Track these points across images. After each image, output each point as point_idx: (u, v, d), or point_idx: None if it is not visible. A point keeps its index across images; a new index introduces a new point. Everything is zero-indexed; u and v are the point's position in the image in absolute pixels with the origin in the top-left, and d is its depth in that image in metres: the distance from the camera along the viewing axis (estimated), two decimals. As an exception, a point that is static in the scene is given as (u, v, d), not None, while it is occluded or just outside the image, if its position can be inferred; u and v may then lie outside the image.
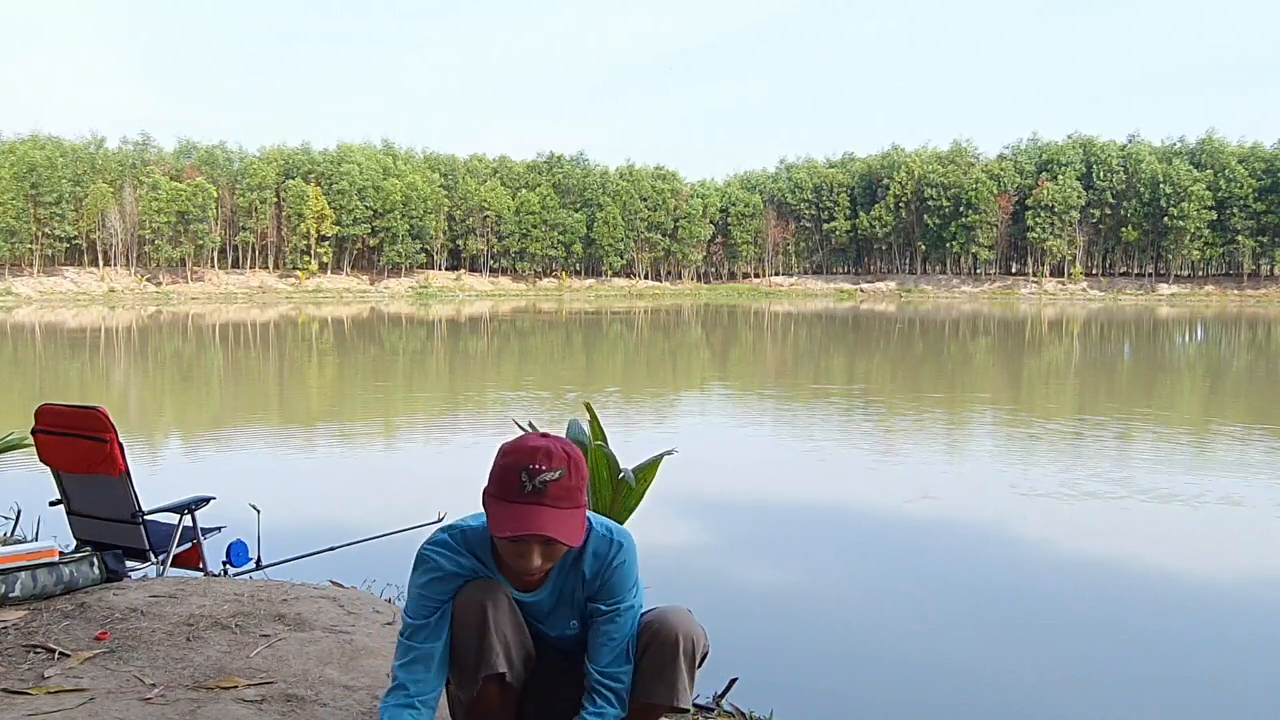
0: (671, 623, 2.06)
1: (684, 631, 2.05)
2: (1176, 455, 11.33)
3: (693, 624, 2.09)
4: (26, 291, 72.68)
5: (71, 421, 4.37)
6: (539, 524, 1.88)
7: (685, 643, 2.05)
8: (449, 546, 2.07)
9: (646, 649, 2.06)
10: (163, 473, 9.53)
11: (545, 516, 1.89)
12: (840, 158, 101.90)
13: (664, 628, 2.06)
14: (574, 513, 1.94)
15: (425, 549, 2.08)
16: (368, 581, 4.47)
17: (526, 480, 1.90)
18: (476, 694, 2.05)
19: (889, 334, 39.59)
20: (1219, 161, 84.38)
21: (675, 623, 2.06)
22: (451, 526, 2.10)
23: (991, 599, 6.04)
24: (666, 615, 2.09)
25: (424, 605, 2.04)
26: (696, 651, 2.09)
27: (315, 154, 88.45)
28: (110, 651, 3.02)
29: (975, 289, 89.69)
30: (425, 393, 18.59)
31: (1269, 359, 28.85)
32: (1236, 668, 4.97)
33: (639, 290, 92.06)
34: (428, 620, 2.04)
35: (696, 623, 2.11)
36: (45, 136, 79.42)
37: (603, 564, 2.08)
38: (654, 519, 4.82)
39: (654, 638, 2.06)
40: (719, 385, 20.30)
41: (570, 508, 1.93)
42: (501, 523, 1.90)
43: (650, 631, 2.07)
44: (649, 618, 2.11)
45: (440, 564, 2.05)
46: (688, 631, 2.06)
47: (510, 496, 1.91)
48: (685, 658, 2.05)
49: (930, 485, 9.20)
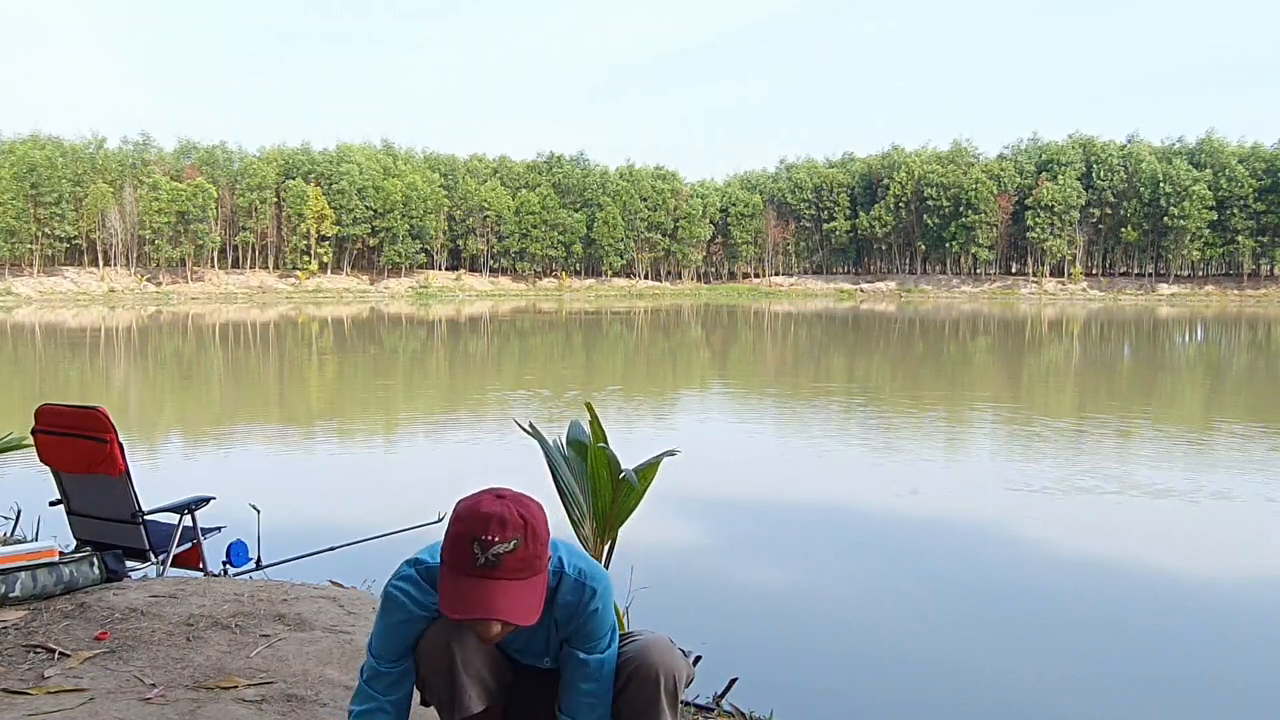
0: (652, 659, 1.99)
1: (665, 668, 1.99)
2: (1177, 455, 11.32)
3: (674, 657, 2.02)
4: (26, 291, 72.68)
5: (71, 421, 4.37)
6: (489, 605, 1.77)
7: (667, 680, 1.99)
8: (415, 584, 1.98)
9: (626, 686, 2.00)
10: (163, 473, 9.53)
11: (497, 594, 1.78)
12: (840, 158, 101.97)
13: (644, 665, 1.99)
14: (531, 583, 1.83)
15: (391, 587, 2.00)
16: (368, 581, 4.47)
17: (479, 553, 1.78)
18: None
19: (889, 334, 39.59)
20: (1219, 161, 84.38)
21: (656, 659, 1.99)
22: (418, 561, 2.01)
23: (991, 598, 6.04)
24: (648, 650, 2.01)
25: (388, 646, 1.99)
26: (679, 687, 2.03)
27: (315, 154, 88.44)
28: (110, 651, 3.02)
29: (975, 289, 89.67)
30: (425, 393, 18.59)
31: (1269, 359, 28.85)
32: (1237, 667, 4.97)
33: (639, 290, 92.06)
34: (392, 668, 1.99)
35: (678, 653, 2.05)
36: (45, 136, 79.42)
37: (575, 611, 1.99)
38: (654, 518, 4.82)
39: (634, 675, 2.00)
40: (719, 385, 20.30)
41: (528, 577, 1.82)
42: (453, 602, 1.79)
43: (631, 668, 2.00)
44: (629, 653, 2.03)
45: (407, 606, 1.97)
46: (669, 667, 1.99)
47: (463, 569, 1.79)
48: (667, 696, 1.99)
49: (930, 485, 9.20)
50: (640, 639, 2.06)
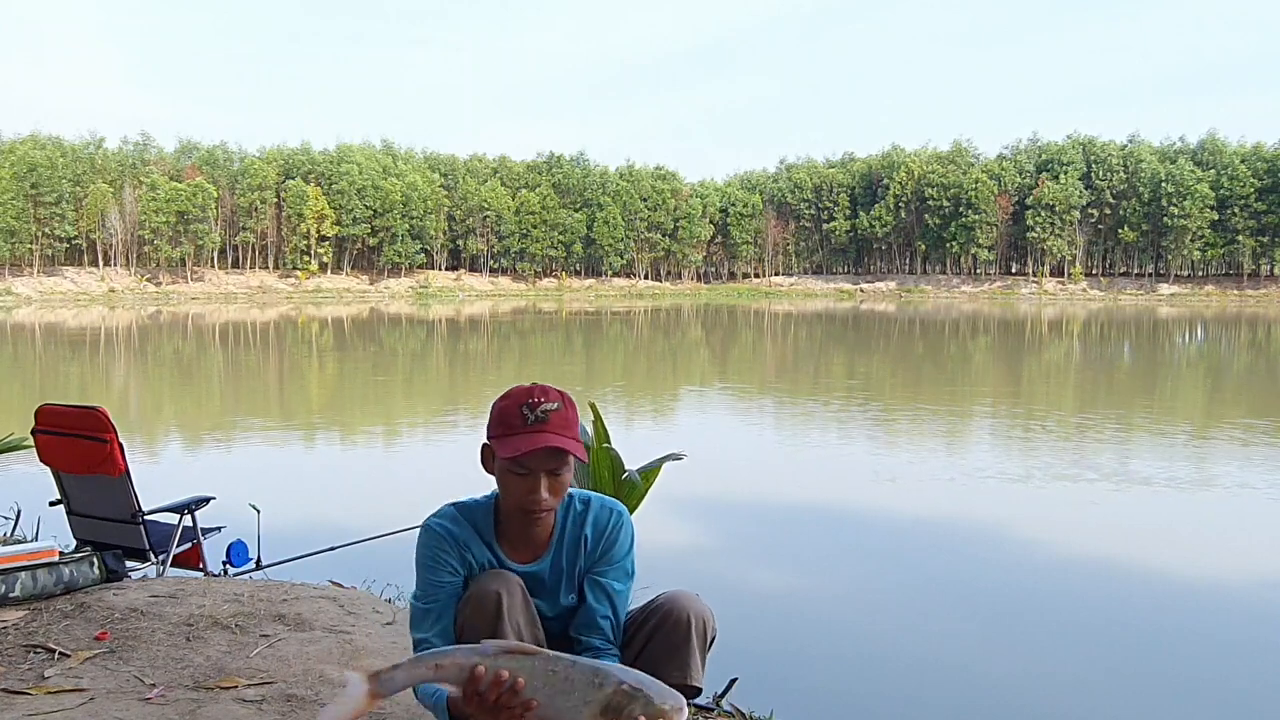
0: (683, 604, 2.12)
1: (695, 612, 2.11)
2: (1177, 455, 11.32)
3: (703, 606, 2.15)
4: (26, 291, 72.64)
5: (71, 422, 4.37)
6: (546, 440, 1.97)
7: (697, 623, 2.10)
8: (452, 519, 2.15)
9: (657, 630, 2.11)
10: (163, 473, 9.53)
11: (551, 437, 1.98)
12: (840, 158, 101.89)
13: (675, 608, 2.11)
14: (575, 442, 2.02)
15: (429, 520, 2.16)
16: (368, 581, 4.47)
17: (529, 413, 1.99)
18: None
19: (889, 334, 39.59)
20: (1220, 161, 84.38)
21: (686, 604, 2.12)
22: (458, 501, 2.20)
23: (992, 598, 6.03)
24: (677, 597, 2.14)
25: (431, 578, 2.11)
26: (708, 632, 2.14)
27: (315, 154, 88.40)
28: (110, 651, 3.02)
29: (975, 289, 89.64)
30: (426, 392, 18.59)
31: (1269, 359, 28.85)
32: (1238, 668, 4.96)
33: (639, 290, 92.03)
34: (434, 603, 2.10)
35: (706, 605, 2.17)
36: (45, 136, 79.30)
37: (605, 531, 2.16)
38: (654, 518, 4.82)
39: (665, 618, 2.11)
40: (719, 385, 20.29)
41: (571, 437, 2.01)
42: (513, 449, 1.98)
43: (662, 613, 2.12)
44: (659, 600, 2.16)
45: (441, 536, 2.12)
46: (699, 612, 2.11)
47: (514, 429, 2.00)
48: (698, 638, 2.10)
49: (930, 485, 9.20)
50: (669, 591, 2.20)
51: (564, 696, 1.75)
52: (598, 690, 1.75)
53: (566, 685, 1.76)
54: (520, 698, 1.73)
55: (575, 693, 1.75)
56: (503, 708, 1.75)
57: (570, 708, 1.75)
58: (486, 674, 1.74)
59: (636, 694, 1.74)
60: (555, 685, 1.76)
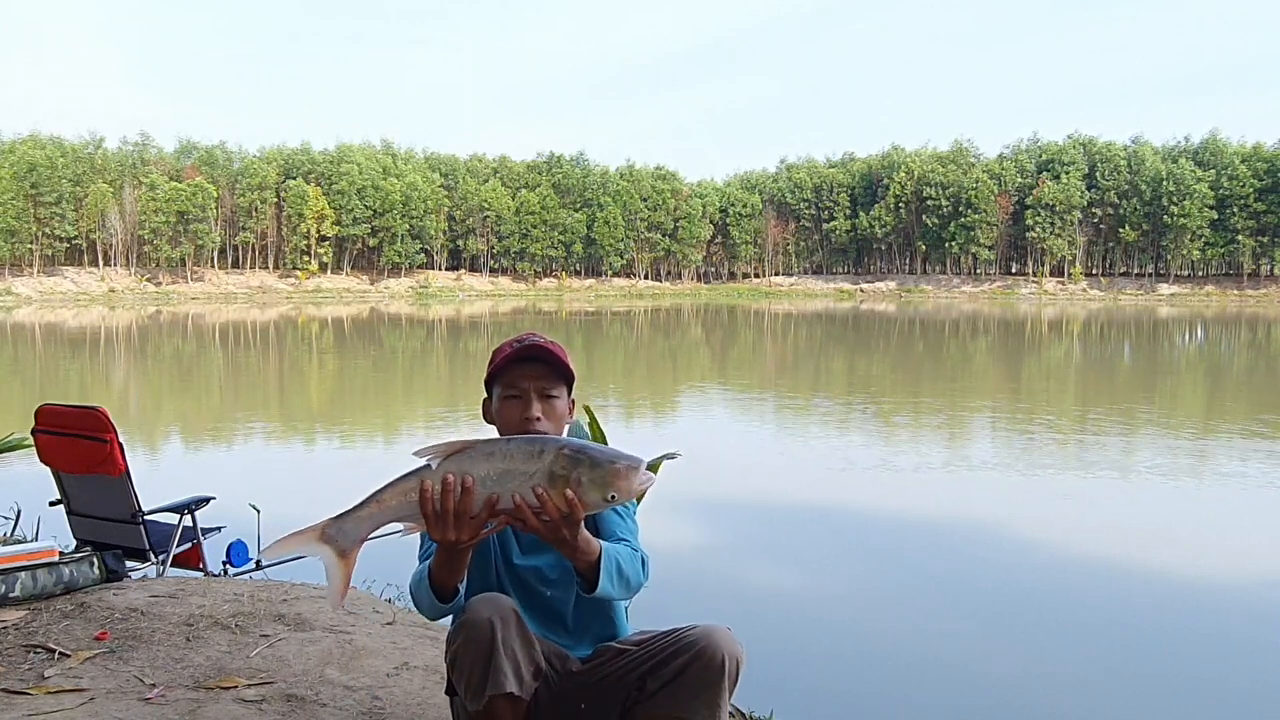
0: (718, 641, 2.04)
1: (729, 653, 2.04)
2: (1176, 454, 11.32)
3: (737, 646, 2.08)
4: (26, 291, 72.65)
5: (71, 421, 4.37)
6: (532, 338, 2.14)
7: (730, 664, 2.04)
8: None
9: (691, 664, 2.04)
10: (163, 473, 9.53)
11: (537, 339, 2.14)
12: (840, 158, 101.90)
13: (711, 646, 2.04)
14: (562, 355, 2.16)
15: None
16: (368, 581, 4.47)
17: (517, 344, 2.14)
18: (483, 708, 2.04)
19: (889, 334, 39.58)
20: (1221, 161, 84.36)
21: (721, 642, 2.05)
22: None
23: (993, 598, 6.03)
24: (714, 633, 2.07)
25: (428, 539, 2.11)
26: (739, 673, 2.08)
27: (315, 154, 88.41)
28: (110, 651, 3.02)
29: (975, 289, 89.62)
30: (426, 392, 18.59)
31: (1269, 359, 28.85)
32: (1237, 667, 4.96)
33: (639, 290, 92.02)
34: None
35: (739, 644, 2.10)
36: (45, 136, 79.33)
37: None
38: (653, 518, 4.81)
39: (700, 654, 2.04)
40: (719, 385, 20.29)
41: (558, 353, 2.15)
42: (505, 356, 2.12)
43: (697, 648, 2.04)
44: (694, 634, 2.08)
45: None
46: (733, 653, 2.05)
47: (504, 356, 2.13)
48: (730, 680, 2.05)
49: (931, 485, 9.20)
50: (704, 625, 2.13)
51: (508, 478, 1.71)
52: (538, 460, 1.70)
53: (508, 463, 1.71)
54: (475, 496, 1.70)
55: (517, 470, 1.71)
56: (465, 514, 1.72)
57: (516, 487, 1.70)
58: (433, 485, 1.70)
59: (579, 457, 1.70)
60: (498, 468, 1.71)
